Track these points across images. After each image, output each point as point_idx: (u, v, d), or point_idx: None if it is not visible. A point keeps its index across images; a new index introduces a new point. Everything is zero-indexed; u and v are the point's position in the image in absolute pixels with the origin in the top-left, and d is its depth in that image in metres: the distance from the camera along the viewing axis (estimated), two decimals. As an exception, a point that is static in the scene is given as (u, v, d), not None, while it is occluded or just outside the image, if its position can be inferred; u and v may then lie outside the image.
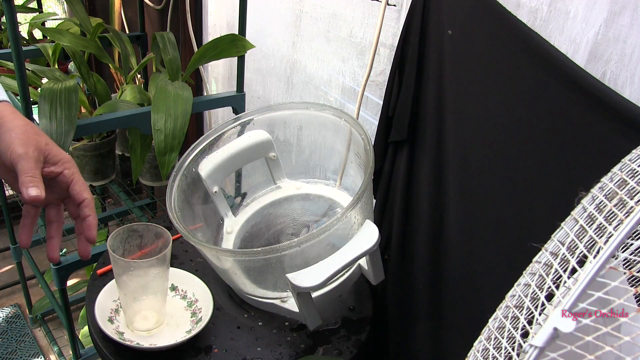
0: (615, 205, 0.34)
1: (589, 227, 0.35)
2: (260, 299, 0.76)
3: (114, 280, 0.72)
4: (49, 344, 1.62)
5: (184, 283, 0.78)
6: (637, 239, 0.33)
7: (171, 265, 0.71)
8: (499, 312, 0.41)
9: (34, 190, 0.51)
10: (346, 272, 0.74)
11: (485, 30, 0.66)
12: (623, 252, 0.34)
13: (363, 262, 0.74)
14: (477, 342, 0.41)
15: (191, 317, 0.73)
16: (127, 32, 1.69)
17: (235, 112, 1.17)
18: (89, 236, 0.57)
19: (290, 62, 1.19)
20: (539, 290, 0.35)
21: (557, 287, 0.34)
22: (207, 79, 1.54)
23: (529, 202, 0.64)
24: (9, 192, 1.57)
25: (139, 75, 1.45)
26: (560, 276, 0.34)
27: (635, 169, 0.36)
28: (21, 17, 2.08)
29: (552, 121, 0.59)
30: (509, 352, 0.35)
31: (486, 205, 0.69)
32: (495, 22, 0.64)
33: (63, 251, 1.30)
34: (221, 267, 0.74)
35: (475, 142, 0.70)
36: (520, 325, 0.35)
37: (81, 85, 1.27)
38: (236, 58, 1.10)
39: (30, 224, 0.58)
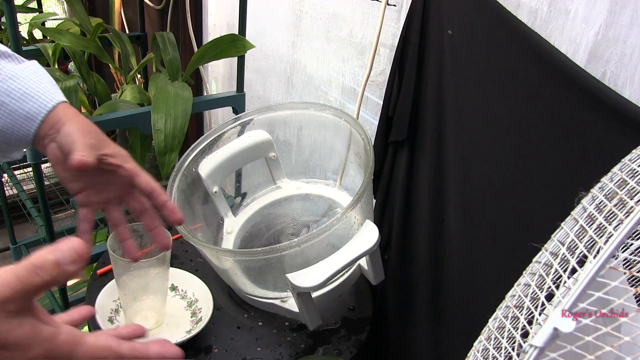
0: (615, 205, 0.34)
1: (589, 227, 0.35)
2: (260, 299, 0.76)
3: (114, 280, 0.72)
4: (49, 344, 1.62)
5: (184, 283, 0.78)
6: (637, 239, 0.33)
7: (171, 265, 0.71)
8: (499, 312, 0.41)
9: (82, 156, 0.50)
10: (346, 272, 0.74)
11: (485, 30, 0.66)
12: (623, 252, 0.34)
13: (363, 262, 0.74)
14: (477, 342, 0.41)
15: (191, 317, 0.73)
16: (127, 32, 1.69)
17: (235, 112, 1.17)
18: (176, 218, 0.57)
19: (290, 62, 1.19)
20: (539, 290, 0.35)
21: (557, 287, 0.34)
22: (207, 79, 1.55)
23: (529, 202, 0.64)
24: (9, 192, 1.57)
25: (139, 75, 1.45)
26: (560, 276, 0.34)
27: (635, 169, 0.36)
28: (21, 17, 2.08)
29: (552, 121, 0.59)
30: (509, 352, 0.35)
31: (486, 205, 0.69)
32: (495, 22, 0.64)
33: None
34: (221, 267, 0.74)
35: (475, 142, 0.70)
36: (520, 325, 0.35)
37: (81, 85, 1.27)
38: (236, 58, 1.10)
39: (88, 229, 0.57)
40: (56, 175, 0.56)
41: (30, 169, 1.43)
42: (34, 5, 1.72)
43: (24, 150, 0.61)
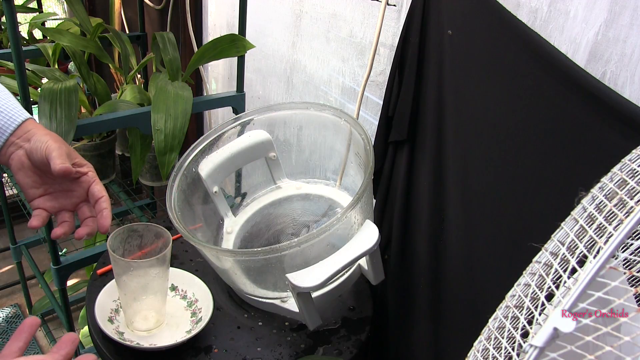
0: (615, 205, 0.34)
1: (589, 227, 0.35)
2: (260, 299, 0.76)
3: (114, 280, 0.72)
4: (49, 343, 1.62)
5: (184, 283, 0.78)
6: (637, 239, 0.33)
7: (171, 265, 0.71)
8: (499, 312, 0.41)
9: (64, 164, 0.57)
10: (346, 272, 0.74)
11: (485, 30, 0.66)
12: (623, 252, 0.34)
13: (363, 262, 0.74)
14: (477, 342, 0.41)
15: (191, 317, 0.73)
16: (127, 32, 1.69)
17: (235, 112, 1.17)
18: (102, 224, 0.61)
19: (290, 62, 1.19)
20: (539, 290, 0.35)
21: (557, 287, 0.34)
22: (207, 79, 1.55)
23: (529, 202, 0.64)
24: (9, 192, 1.57)
25: (139, 75, 1.45)
26: (560, 276, 0.34)
27: (635, 169, 0.36)
28: (21, 17, 2.08)
29: (552, 121, 0.59)
30: (509, 352, 0.35)
31: (486, 205, 0.69)
32: (495, 22, 0.64)
33: (63, 251, 1.30)
34: (221, 267, 0.74)
35: (475, 142, 0.70)
36: (520, 325, 0.35)
37: (81, 85, 1.27)
38: (236, 58, 1.10)
39: (43, 220, 0.61)
40: (17, 181, 0.61)
41: (30, 169, 1.42)
42: (34, 5, 1.72)
43: None
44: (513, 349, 0.34)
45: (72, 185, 0.62)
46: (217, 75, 1.52)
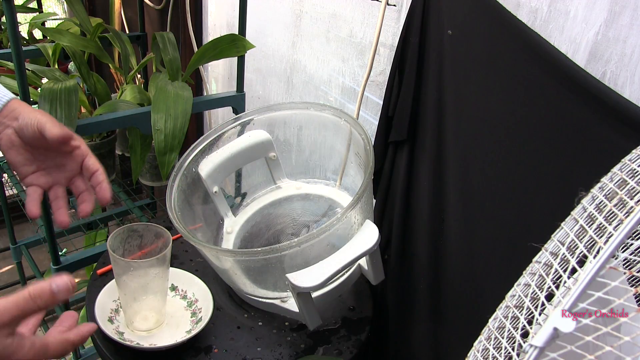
0: (615, 205, 0.34)
1: (589, 227, 0.35)
2: (260, 299, 0.76)
3: (114, 280, 0.72)
4: (49, 344, 1.62)
5: (184, 283, 0.78)
6: (637, 239, 0.33)
7: (171, 265, 0.71)
8: (499, 312, 0.41)
9: (62, 130, 0.58)
10: (346, 272, 0.74)
11: (485, 30, 0.66)
12: (623, 252, 0.34)
13: (363, 262, 0.74)
14: (477, 342, 0.41)
15: (191, 317, 0.73)
16: (127, 32, 1.69)
17: (235, 112, 1.17)
18: (104, 196, 0.61)
19: (290, 62, 1.19)
20: (539, 290, 0.35)
21: (557, 287, 0.34)
22: (207, 79, 1.55)
23: (529, 202, 0.64)
24: (9, 192, 1.57)
25: (139, 75, 1.45)
26: (560, 276, 0.34)
27: (635, 169, 0.36)
28: (21, 17, 2.08)
29: (552, 121, 0.59)
30: (509, 352, 0.35)
31: (486, 205, 0.69)
32: (495, 22, 0.64)
33: (63, 251, 1.30)
34: (221, 267, 0.74)
35: (475, 142, 0.70)
36: (520, 325, 0.35)
37: (81, 85, 1.27)
38: (236, 58, 1.10)
39: (38, 198, 0.62)
40: (8, 160, 0.61)
41: (30, 169, 1.42)
42: (34, 5, 1.72)
43: None
44: (513, 349, 0.34)
45: (65, 160, 0.62)
46: (217, 75, 1.52)
